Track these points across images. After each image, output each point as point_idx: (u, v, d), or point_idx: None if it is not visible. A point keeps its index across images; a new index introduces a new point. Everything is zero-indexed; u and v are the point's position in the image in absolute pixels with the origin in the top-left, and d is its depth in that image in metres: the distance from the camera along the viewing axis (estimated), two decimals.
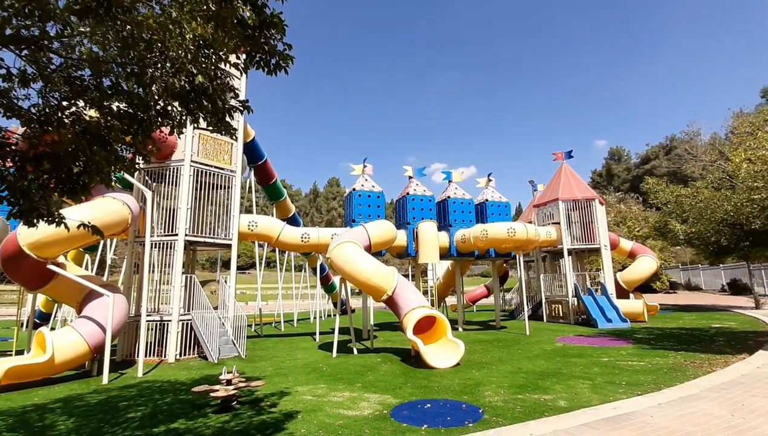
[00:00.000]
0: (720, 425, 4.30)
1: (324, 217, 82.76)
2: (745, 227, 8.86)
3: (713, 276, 31.14)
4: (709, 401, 5.17)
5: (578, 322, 15.03)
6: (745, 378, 6.23)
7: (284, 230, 11.91)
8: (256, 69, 3.78)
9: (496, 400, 5.78)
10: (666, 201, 12.00)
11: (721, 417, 4.56)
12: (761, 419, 4.45)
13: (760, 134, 9.35)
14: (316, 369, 8.46)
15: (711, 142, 21.48)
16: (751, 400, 5.14)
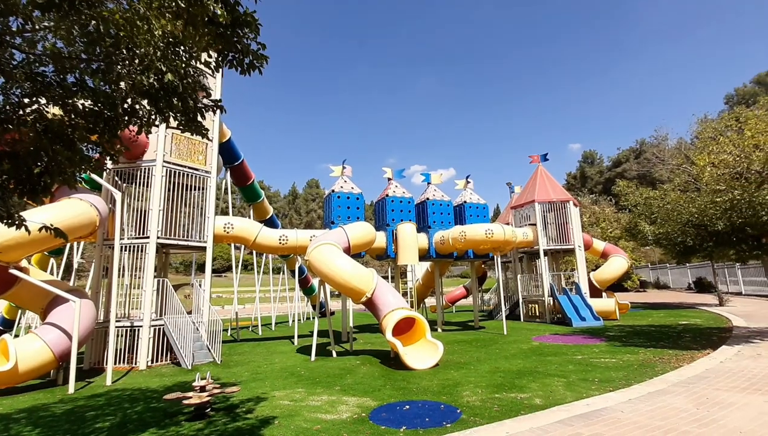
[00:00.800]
0: (686, 418, 4.47)
1: (303, 219, 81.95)
2: (709, 227, 9.26)
3: (680, 275, 32.44)
4: (676, 395, 5.37)
5: (554, 321, 15.36)
6: (709, 373, 6.50)
7: (262, 232, 11.71)
8: (229, 68, 3.70)
9: (474, 400, 5.83)
10: (636, 203, 12.44)
11: (687, 411, 4.73)
12: (724, 411, 4.65)
13: (722, 139, 9.80)
14: (294, 373, 8.34)
15: (677, 147, 22.44)
16: (715, 393, 5.36)
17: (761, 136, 8.81)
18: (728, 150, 9.33)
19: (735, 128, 10.23)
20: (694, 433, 4.05)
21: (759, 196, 8.19)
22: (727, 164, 9.22)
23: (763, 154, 8.62)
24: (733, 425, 4.21)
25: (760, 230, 8.64)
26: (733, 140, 9.42)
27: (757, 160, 8.69)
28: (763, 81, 50.93)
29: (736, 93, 51.55)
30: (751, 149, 8.92)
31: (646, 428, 4.24)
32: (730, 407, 4.79)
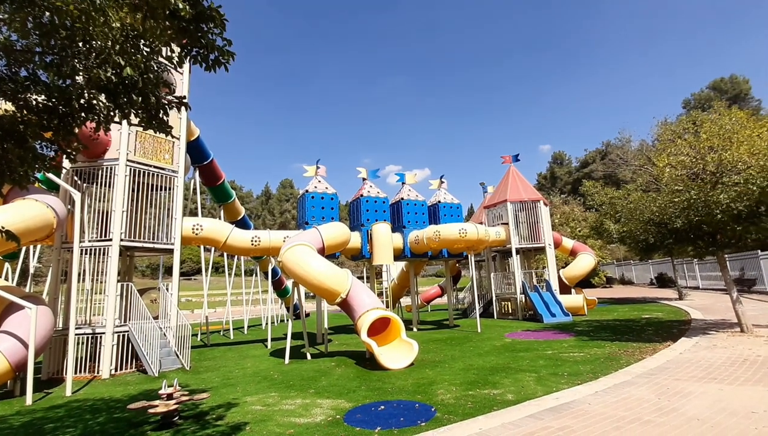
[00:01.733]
0: (648, 408, 4.66)
1: (277, 219, 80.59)
2: (669, 225, 9.67)
3: (643, 271, 33.96)
4: (639, 386, 5.59)
5: (526, 317, 15.74)
6: (670, 364, 6.81)
7: (233, 234, 11.41)
8: (193, 64, 3.58)
9: (448, 397, 5.88)
10: (601, 203, 12.84)
11: (649, 401, 4.93)
12: (683, 400, 4.88)
13: (679, 142, 10.29)
14: (267, 377, 8.17)
15: (639, 149, 23.43)
16: (675, 383, 5.62)
17: (715, 139, 9.31)
18: (685, 152, 9.80)
19: (692, 131, 10.73)
20: (655, 422, 4.22)
21: (713, 195, 8.65)
22: (685, 165, 9.69)
23: (716, 156, 9.11)
24: (692, 413, 4.42)
25: (715, 228, 9.12)
26: (690, 143, 9.91)
27: (712, 161, 9.18)
28: (718, 87, 54.06)
29: (693, 98, 54.47)
30: (706, 151, 9.41)
31: (612, 419, 4.39)
32: (689, 396, 5.03)
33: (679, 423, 4.15)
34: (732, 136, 9.12)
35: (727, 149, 9.00)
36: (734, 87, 53.09)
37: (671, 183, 9.70)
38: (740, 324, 9.30)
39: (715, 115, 10.24)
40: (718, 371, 6.13)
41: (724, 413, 4.36)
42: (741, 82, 53.59)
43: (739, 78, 54.05)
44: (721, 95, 49.46)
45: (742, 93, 52.22)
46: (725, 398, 4.83)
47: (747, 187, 8.26)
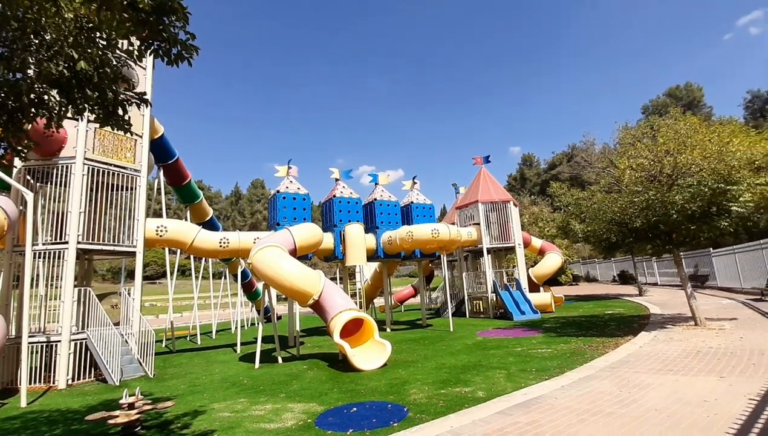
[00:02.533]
0: (611, 400, 4.84)
1: (248, 220, 78.77)
2: (629, 225, 10.13)
3: (607, 269, 35.45)
4: (602, 380, 5.81)
5: (497, 316, 16.07)
6: (631, 357, 7.12)
7: (200, 235, 11.03)
8: (155, 58, 3.43)
9: (421, 397, 5.91)
10: (567, 203, 13.31)
11: (611, 393, 5.13)
12: (642, 392, 5.10)
13: (639, 145, 10.81)
14: (236, 383, 7.95)
15: (602, 152, 24.43)
16: (635, 376, 5.87)
17: (671, 143, 9.85)
18: (644, 155, 10.31)
19: (650, 135, 11.31)
20: (617, 413, 4.39)
21: (669, 196, 9.14)
22: (644, 168, 10.19)
23: (672, 159, 9.63)
24: (650, 404, 4.63)
25: (671, 227, 9.64)
26: (648, 146, 10.43)
27: (668, 164, 9.70)
28: (673, 94, 57.23)
29: (651, 104, 57.44)
30: (662, 154, 9.93)
31: (576, 412, 4.53)
32: (647, 387, 5.27)
33: (638, 414, 4.33)
34: (686, 140, 9.66)
35: (682, 153, 9.52)
36: (689, 94, 56.37)
37: (631, 184, 10.17)
38: (694, 318, 9.85)
39: (671, 121, 10.82)
40: (674, 363, 6.46)
41: (680, 402, 4.59)
42: (695, 90, 56.97)
43: (693, 86, 57.47)
44: (676, 102, 52.40)
45: (695, 100, 55.51)
46: (680, 389, 5.09)
47: (700, 189, 8.77)
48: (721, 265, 19.84)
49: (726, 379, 5.35)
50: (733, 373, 5.61)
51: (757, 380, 5.17)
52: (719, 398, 4.60)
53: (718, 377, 5.48)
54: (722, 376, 5.50)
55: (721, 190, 8.66)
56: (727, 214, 8.97)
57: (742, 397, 4.58)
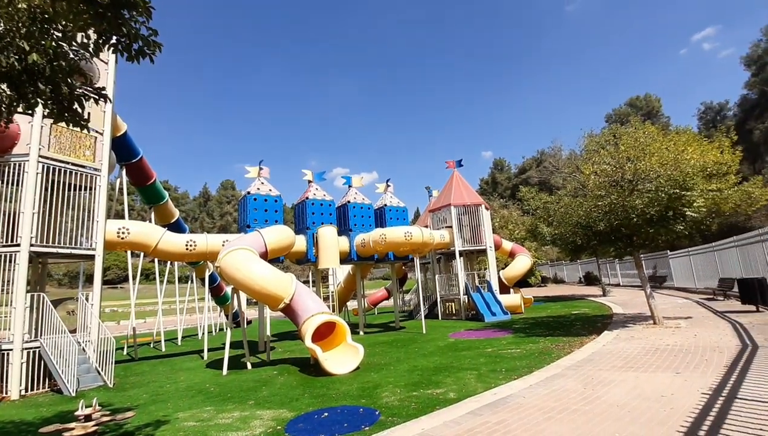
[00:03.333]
0: (576, 398, 4.99)
1: (217, 222, 76.60)
2: (594, 228, 10.54)
3: (573, 270, 36.74)
4: (568, 378, 5.98)
5: (469, 317, 16.30)
6: (594, 355, 7.38)
7: (164, 238, 10.59)
8: (113, 52, 3.28)
9: (393, 400, 5.88)
10: (536, 207, 13.70)
11: (576, 391, 5.29)
12: (605, 388, 5.29)
13: (602, 152, 11.27)
14: (202, 390, 7.66)
15: (569, 157, 25.35)
16: (598, 373, 6.08)
17: (631, 150, 10.33)
18: (607, 161, 10.76)
19: (612, 143, 11.81)
20: (581, 410, 4.53)
21: (630, 201, 9.58)
22: (607, 173, 10.63)
23: (633, 166, 10.11)
24: (613, 400, 4.80)
25: (631, 230, 10.10)
26: (611, 153, 10.89)
27: (629, 170, 10.17)
28: (634, 104, 60.20)
29: (614, 113, 60.17)
30: (624, 161, 10.40)
31: (544, 410, 4.64)
32: (610, 384, 5.46)
33: (601, 410, 4.48)
34: (645, 148, 10.15)
35: (642, 160, 10.00)
36: (648, 104, 59.46)
37: (595, 189, 10.58)
38: (653, 317, 10.34)
39: (631, 129, 11.35)
40: (635, 360, 6.74)
41: (640, 398, 4.79)
42: (653, 101, 60.16)
43: (652, 97, 60.69)
44: (637, 111, 55.15)
45: (654, 110, 58.61)
46: (640, 385, 5.31)
47: (657, 194, 9.23)
48: (678, 266, 20.96)
49: (682, 375, 5.63)
50: (688, 369, 5.91)
51: (710, 375, 5.46)
52: (675, 393, 4.83)
53: (675, 373, 5.76)
54: (678, 372, 5.79)
55: (677, 195, 9.15)
56: (682, 219, 9.48)
57: (696, 391, 4.83)
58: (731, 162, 10.66)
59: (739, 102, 51.35)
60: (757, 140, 46.76)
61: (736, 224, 23.53)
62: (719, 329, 8.89)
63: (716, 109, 55.79)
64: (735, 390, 4.75)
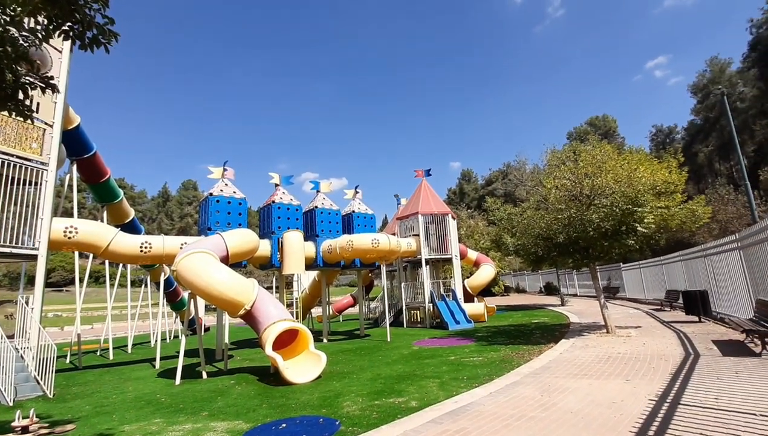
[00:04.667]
0: (533, 405, 5.09)
1: (176, 224, 73.52)
2: (554, 240, 10.96)
3: (534, 280, 37.99)
4: (526, 385, 6.11)
5: (433, 325, 16.42)
6: (552, 363, 7.60)
7: (117, 239, 9.99)
8: (64, 39, 3.09)
9: (354, 409, 5.78)
10: (501, 218, 14.07)
11: (534, 398, 5.41)
12: (561, 396, 5.44)
13: (563, 167, 11.78)
14: (153, 401, 7.23)
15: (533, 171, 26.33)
16: (555, 381, 6.26)
17: (589, 167, 10.87)
18: (567, 176, 11.25)
19: (572, 159, 12.37)
20: (538, 417, 4.62)
21: (587, 215, 10.05)
22: (566, 188, 11.11)
23: (590, 182, 10.62)
24: (567, 407, 4.94)
25: (588, 243, 10.58)
26: (571, 169, 11.41)
27: (587, 185, 10.68)
28: (593, 123, 63.66)
29: (575, 130, 63.38)
30: (582, 177, 10.91)
31: (502, 417, 4.70)
32: (565, 391, 5.63)
33: (557, 417, 4.60)
34: (602, 165, 10.69)
35: (598, 176, 10.52)
36: (605, 124, 63.05)
37: (556, 203, 11.01)
38: (606, 326, 10.82)
39: (590, 147, 11.93)
40: (589, 368, 7.00)
41: (593, 405, 4.96)
42: (610, 121, 63.90)
43: (609, 117, 64.47)
44: (595, 130, 58.32)
45: (611, 130, 62.22)
46: (593, 392, 5.51)
47: (612, 210, 9.73)
48: (630, 278, 22.15)
49: (631, 381, 5.89)
50: (637, 376, 6.20)
51: (656, 382, 5.75)
52: (625, 400, 5.04)
53: (625, 380, 6.02)
54: (628, 379, 6.05)
55: (630, 211, 9.69)
56: (634, 233, 10.03)
57: (644, 398, 5.06)
58: (678, 182, 11.43)
59: (686, 126, 55.55)
60: (701, 162, 50.60)
61: (682, 240, 25.23)
62: (665, 338, 9.42)
63: (666, 132, 60.04)
64: (678, 396, 5.02)
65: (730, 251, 10.21)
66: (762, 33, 42.71)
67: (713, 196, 27.40)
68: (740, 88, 45.58)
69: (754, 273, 8.77)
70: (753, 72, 44.06)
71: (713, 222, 24.18)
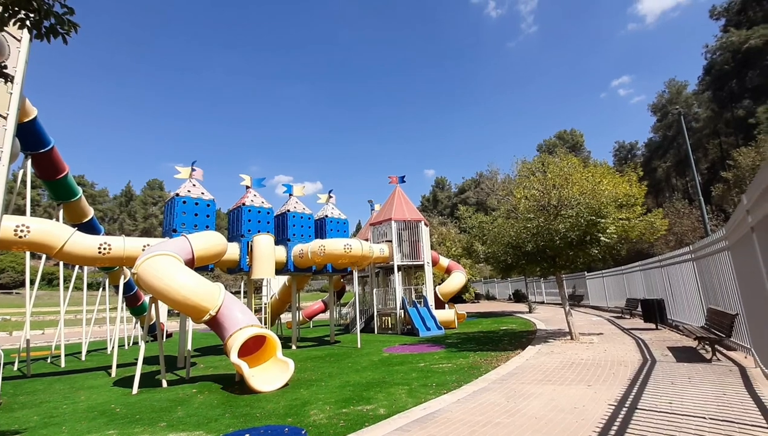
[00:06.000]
0: (499, 411, 5.16)
1: (139, 225, 70.53)
2: (522, 248, 11.24)
3: (504, 288, 38.81)
4: (493, 391, 6.19)
5: (404, 332, 16.43)
6: (518, 369, 7.74)
7: (73, 239, 9.42)
8: (19, 27, 2.93)
9: (321, 418, 5.66)
10: (472, 226, 14.35)
11: (500, 404, 5.48)
12: (526, 401, 5.53)
13: (532, 178, 12.15)
14: (106, 411, 6.83)
15: (504, 181, 27.03)
16: (521, 387, 6.37)
17: (557, 178, 11.26)
18: (536, 187, 11.61)
19: (541, 170, 12.78)
20: (504, 423, 4.68)
21: (554, 224, 10.39)
22: (535, 198, 11.46)
23: (557, 193, 11.00)
24: (532, 412, 5.03)
25: (555, 252, 10.92)
26: (540, 180, 11.78)
27: (554, 196, 11.05)
28: (561, 136, 66.19)
29: (545, 143, 65.73)
30: (550, 188, 11.28)
31: (469, 424, 4.73)
32: (530, 397, 5.73)
33: (521, 422, 4.67)
34: (569, 177, 11.10)
35: (565, 188, 10.90)
36: (573, 138, 65.67)
37: (525, 212, 11.32)
38: (571, 333, 11.15)
39: (558, 159, 12.37)
40: (553, 374, 7.17)
41: (556, 410, 5.07)
42: (578, 136, 66.62)
43: (577, 132, 67.23)
44: (563, 143, 60.69)
45: (578, 144, 64.86)
46: (557, 397, 5.64)
47: (577, 220, 10.09)
48: (593, 286, 22.99)
49: (593, 387, 6.08)
50: (598, 381, 6.40)
51: (616, 387, 5.96)
52: (587, 405, 5.19)
53: (587, 385, 6.21)
54: (590, 384, 6.24)
55: (593, 222, 10.08)
56: (597, 243, 10.43)
57: (604, 403, 5.22)
58: (638, 195, 12.01)
59: (646, 143, 58.66)
60: (660, 177, 53.50)
61: (642, 251, 26.51)
62: (625, 345, 9.81)
63: (628, 147, 63.19)
64: (636, 401, 5.21)
65: (685, 262, 10.78)
66: (715, 58, 45.88)
67: (670, 210, 28.97)
68: (695, 109, 48.73)
69: (706, 283, 9.30)
70: (707, 94, 47.19)
71: (670, 234, 25.57)
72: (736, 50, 41.72)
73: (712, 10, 47.71)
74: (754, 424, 4.14)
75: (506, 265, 12.50)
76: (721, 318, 7.74)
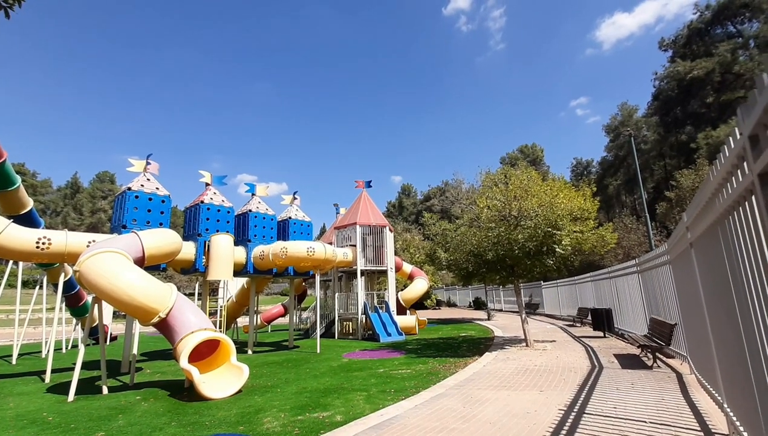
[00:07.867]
0: (455, 416, 5.19)
1: (86, 220, 66.05)
2: (483, 257, 11.52)
3: (465, 295, 39.61)
4: (450, 397, 6.24)
5: (365, 337, 16.32)
6: (475, 375, 7.87)
7: (8, 231, 8.61)
8: None
9: (275, 426, 5.46)
10: (436, 233, 14.53)
11: (456, 410, 5.52)
12: (482, 407, 5.62)
13: (494, 188, 12.53)
14: (37, 420, 6.24)
15: (468, 191, 27.71)
16: (477, 392, 6.47)
17: (518, 190, 11.67)
18: (498, 197, 11.98)
19: (504, 182, 13.20)
20: (459, 428, 4.71)
21: (514, 234, 10.73)
22: (497, 208, 11.81)
23: (518, 204, 11.40)
24: (486, 418, 5.11)
25: (513, 261, 11.28)
26: (502, 191, 12.17)
27: (515, 207, 11.43)
28: (523, 150, 68.95)
29: (508, 156, 68.18)
30: (511, 199, 11.67)
31: (425, 430, 4.72)
32: (485, 402, 5.83)
33: (476, 427, 4.72)
34: (528, 189, 11.52)
35: (525, 199, 11.31)
36: (534, 153, 68.54)
37: (487, 222, 11.63)
38: (526, 340, 11.51)
39: (519, 172, 12.82)
40: (508, 379, 7.35)
41: (509, 415, 5.18)
42: (538, 150, 69.61)
43: (537, 146, 70.23)
44: (524, 157, 63.22)
45: (538, 158, 67.75)
46: (511, 403, 5.76)
47: (535, 231, 10.48)
48: (548, 295, 23.95)
49: (545, 392, 6.27)
50: (550, 387, 6.62)
51: (566, 393, 6.18)
52: (539, 410, 5.33)
53: (539, 391, 6.40)
54: (542, 390, 6.44)
55: (550, 233, 10.50)
56: (552, 254, 10.87)
57: (555, 408, 5.40)
58: (591, 209, 12.66)
59: (600, 161, 62.23)
60: (611, 194, 56.89)
61: (593, 262, 27.93)
62: (576, 352, 10.25)
63: (585, 164, 66.82)
64: (584, 406, 5.42)
65: (631, 274, 11.46)
66: (663, 86, 49.66)
67: (619, 225, 30.80)
68: (644, 132, 52.34)
69: (649, 294, 9.91)
70: (655, 119, 50.89)
71: (619, 247, 27.15)
72: (681, 79, 45.41)
73: (661, 42, 51.75)
74: (688, 427, 4.42)
75: (467, 272, 12.76)
76: (661, 327, 8.26)
